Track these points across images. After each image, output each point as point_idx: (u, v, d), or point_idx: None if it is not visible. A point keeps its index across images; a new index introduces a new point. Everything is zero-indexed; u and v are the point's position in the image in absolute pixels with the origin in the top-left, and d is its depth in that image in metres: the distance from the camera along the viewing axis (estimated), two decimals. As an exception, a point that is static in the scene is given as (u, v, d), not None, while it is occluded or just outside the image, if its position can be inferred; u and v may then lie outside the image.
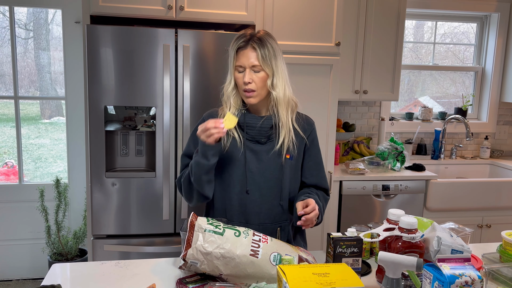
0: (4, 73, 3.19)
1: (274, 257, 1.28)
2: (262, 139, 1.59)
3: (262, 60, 1.52)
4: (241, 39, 1.54)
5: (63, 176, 3.31)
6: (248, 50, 1.52)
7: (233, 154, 1.58)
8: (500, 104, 3.80)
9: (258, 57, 1.51)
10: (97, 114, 2.29)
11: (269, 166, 1.59)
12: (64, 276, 1.44)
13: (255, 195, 1.59)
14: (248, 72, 1.52)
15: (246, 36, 1.54)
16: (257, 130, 1.58)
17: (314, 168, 1.68)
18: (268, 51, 1.52)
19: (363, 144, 3.43)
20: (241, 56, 1.53)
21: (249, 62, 1.52)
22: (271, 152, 1.59)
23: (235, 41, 1.55)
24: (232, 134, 1.59)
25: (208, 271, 1.28)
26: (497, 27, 3.67)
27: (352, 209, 2.94)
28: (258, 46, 1.52)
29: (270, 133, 1.60)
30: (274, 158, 1.59)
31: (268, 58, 1.52)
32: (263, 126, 1.58)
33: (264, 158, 1.59)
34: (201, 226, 1.29)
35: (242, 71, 1.54)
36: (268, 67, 1.53)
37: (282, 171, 1.60)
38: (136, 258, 1.84)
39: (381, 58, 3.10)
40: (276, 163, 1.59)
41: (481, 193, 3.08)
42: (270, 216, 1.61)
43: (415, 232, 1.32)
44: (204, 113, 1.69)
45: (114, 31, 2.25)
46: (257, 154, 1.59)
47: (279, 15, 2.57)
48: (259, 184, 1.59)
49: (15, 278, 3.31)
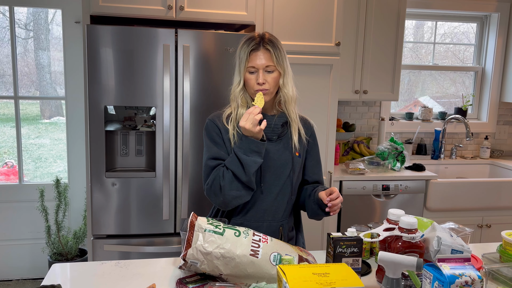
0: (4, 73, 3.19)
1: (274, 257, 1.28)
2: (273, 137, 1.63)
3: (276, 61, 1.57)
4: (253, 41, 1.58)
5: (63, 176, 3.31)
6: (262, 51, 1.57)
7: None
8: (500, 104, 3.80)
9: (273, 58, 1.57)
10: (97, 114, 2.29)
11: (281, 164, 1.62)
12: (64, 276, 1.44)
13: (268, 192, 1.62)
14: (261, 73, 1.56)
15: (256, 38, 1.59)
16: (271, 129, 1.62)
17: (315, 166, 1.74)
18: (280, 52, 1.59)
19: (363, 144, 3.43)
20: (254, 58, 1.57)
21: (263, 63, 1.56)
22: (282, 149, 1.63)
23: (246, 44, 1.59)
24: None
25: (208, 271, 1.28)
26: (497, 27, 3.67)
27: (352, 209, 2.94)
28: (271, 48, 1.57)
29: (281, 131, 1.64)
30: (285, 155, 1.63)
31: (280, 58, 1.58)
32: (276, 124, 1.62)
33: (275, 156, 1.62)
34: (201, 226, 1.29)
35: (254, 72, 1.58)
36: (280, 67, 1.59)
37: (292, 168, 1.63)
38: (136, 258, 1.84)
39: (381, 58, 3.10)
40: (287, 160, 1.63)
41: (481, 193, 3.08)
42: (280, 212, 1.64)
43: (415, 232, 1.33)
44: (208, 117, 1.68)
45: (114, 31, 2.25)
46: (269, 152, 1.61)
47: (279, 15, 2.57)
48: (271, 182, 1.62)
49: (15, 278, 3.31)
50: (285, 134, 1.65)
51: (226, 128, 1.61)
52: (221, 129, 1.61)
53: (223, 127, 1.61)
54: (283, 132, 1.65)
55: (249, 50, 1.57)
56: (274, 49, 1.57)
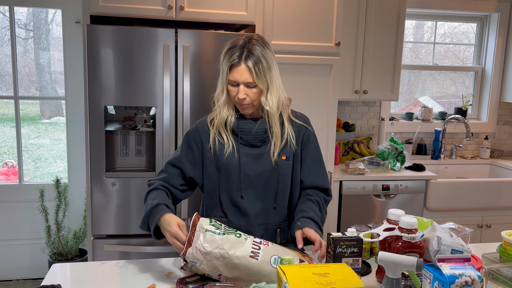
0: (4, 73, 3.19)
1: (274, 259, 1.28)
2: (257, 143, 1.59)
3: (256, 78, 1.48)
4: (234, 53, 1.48)
5: (63, 176, 3.31)
6: (242, 67, 1.47)
7: (229, 161, 1.58)
8: (500, 104, 3.80)
9: (253, 75, 1.48)
10: (97, 114, 2.29)
11: (266, 169, 1.59)
12: (64, 276, 1.44)
13: (252, 198, 1.59)
14: (242, 88, 1.49)
15: (238, 50, 1.48)
16: (252, 135, 1.58)
17: (311, 166, 1.66)
18: (262, 66, 1.48)
19: (363, 144, 3.43)
20: (234, 73, 1.49)
21: (243, 79, 1.48)
22: (266, 154, 1.59)
23: (227, 55, 1.50)
24: (227, 142, 1.58)
25: (208, 271, 1.28)
26: (497, 27, 3.67)
27: (352, 209, 2.93)
28: (252, 63, 1.47)
29: (265, 137, 1.59)
30: (269, 160, 1.59)
31: (262, 73, 1.49)
32: (258, 131, 1.58)
33: (260, 161, 1.58)
34: (202, 226, 1.30)
35: (235, 85, 1.51)
36: (262, 83, 1.50)
37: (277, 172, 1.59)
38: (136, 258, 1.84)
39: (381, 58, 3.10)
40: (272, 165, 1.59)
41: (481, 193, 3.08)
42: (267, 217, 1.62)
43: (415, 232, 1.32)
44: (197, 121, 1.67)
45: (114, 31, 2.25)
46: (253, 157, 1.58)
47: (279, 15, 2.57)
48: (256, 187, 1.59)
49: (15, 278, 3.31)
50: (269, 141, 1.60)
51: (206, 131, 1.59)
52: (200, 133, 1.60)
53: (203, 130, 1.60)
54: (268, 137, 1.59)
55: (229, 65, 1.49)
56: (255, 65, 1.47)
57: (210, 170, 1.61)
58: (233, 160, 1.57)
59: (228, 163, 1.57)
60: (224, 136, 1.58)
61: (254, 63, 1.47)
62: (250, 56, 1.48)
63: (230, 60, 1.49)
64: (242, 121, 1.59)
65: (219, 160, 1.58)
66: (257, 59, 1.48)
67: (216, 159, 1.59)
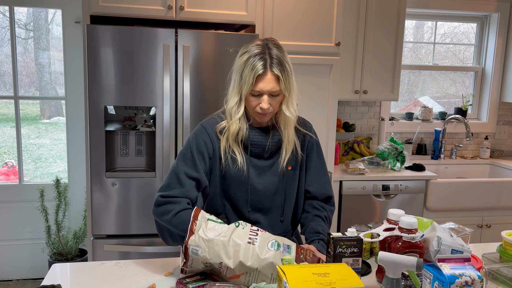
0: (4, 73, 3.19)
1: (271, 244, 1.32)
2: (265, 155, 1.56)
3: (284, 86, 1.43)
4: (257, 63, 1.40)
5: (63, 176, 3.31)
6: (268, 76, 1.41)
7: (238, 173, 1.54)
8: (500, 104, 3.80)
9: (280, 83, 1.42)
10: (97, 114, 2.29)
11: (273, 180, 1.57)
12: (64, 276, 1.44)
13: (259, 212, 1.59)
14: (266, 98, 1.43)
15: (260, 58, 1.41)
16: (263, 147, 1.53)
17: (315, 174, 1.65)
18: (288, 73, 1.43)
19: (363, 144, 3.43)
20: (260, 83, 1.41)
21: (269, 88, 1.42)
22: (274, 166, 1.56)
23: (249, 66, 1.41)
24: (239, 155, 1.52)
25: (209, 258, 1.29)
26: (497, 27, 3.67)
27: (352, 209, 2.93)
28: (278, 71, 1.41)
29: (276, 148, 1.56)
30: (277, 171, 1.56)
31: (288, 81, 1.44)
32: (272, 143, 1.54)
33: (267, 173, 1.56)
34: (204, 216, 1.36)
35: (257, 95, 1.44)
36: (287, 90, 1.45)
37: (283, 183, 1.58)
38: (136, 258, 1.84)
39: (381, 58, 3.10)
40: (279, 176, 1.57)
41: (481, 193, 3.08)
42: (273, 229, 1.61)
43: (415, 232, 1.32)
44: (204, 125, 1.55)
45: (114, 31, 2.25)
46: (260, 169, 1.55)
47: (279, 15, 2.57)
48: (263, 199, 1.57)
49: (15, 278, 3.31)
50: (280, 150, 1.55)
51: (218, 139, 1.51)
52: (212, 140, 1.51)
53: (215, 137, 1.51)
54: (277, 151, 1.56)
55: (255, 75, 1.40)
56: (282, 73, 1.41)
57: (216, 177, 1.56)
58: (242, 173, 1.53)
59: (236, 174, 1.53)
60: (236, 150, 1.52)
61: (280, 71, 1.41)
62: (275, 63, 1.41)
63: (254, 70, 1.40)
64: (253, 132, 1.53)
65: (227, 171, 1.54)
66: (283, 67, 1.42)
67: (224, 168, 1.54)
